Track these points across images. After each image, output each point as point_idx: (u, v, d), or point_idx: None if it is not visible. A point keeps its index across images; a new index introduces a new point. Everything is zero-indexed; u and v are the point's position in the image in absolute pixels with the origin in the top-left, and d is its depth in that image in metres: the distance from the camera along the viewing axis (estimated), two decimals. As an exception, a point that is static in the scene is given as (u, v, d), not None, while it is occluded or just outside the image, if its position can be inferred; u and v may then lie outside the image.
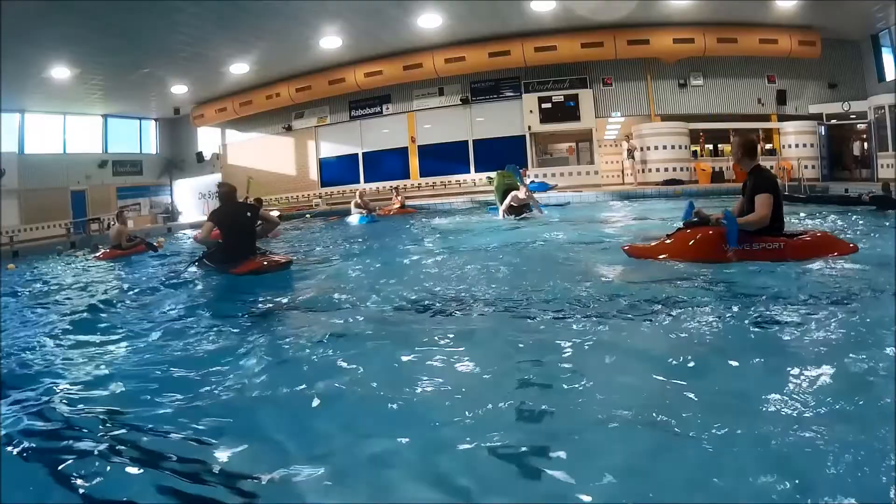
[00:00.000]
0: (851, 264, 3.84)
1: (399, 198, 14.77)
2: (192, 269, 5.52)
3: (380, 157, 19.54)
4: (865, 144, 15.66)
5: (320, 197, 19.72)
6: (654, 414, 1.85)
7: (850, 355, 2.19)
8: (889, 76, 15.35)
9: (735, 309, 3.03)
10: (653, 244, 4.67)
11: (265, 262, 4.94)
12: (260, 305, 4.02)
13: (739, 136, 4.47)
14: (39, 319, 4.33)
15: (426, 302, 3.72)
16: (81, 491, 1.65)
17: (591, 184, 17.06)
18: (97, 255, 9.21)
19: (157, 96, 19.52)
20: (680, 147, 16.71)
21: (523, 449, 1.71)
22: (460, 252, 6.10)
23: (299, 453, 1.76)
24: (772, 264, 3.92)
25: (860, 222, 6.68)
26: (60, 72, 15.13)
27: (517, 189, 10.05)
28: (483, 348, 2.70)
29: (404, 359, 2.58)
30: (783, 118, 16.70)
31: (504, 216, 9.85)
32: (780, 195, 4.15)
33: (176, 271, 5.58)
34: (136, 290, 5.20)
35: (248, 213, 5.18)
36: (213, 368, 2.65)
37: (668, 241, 4.51)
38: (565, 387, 2.14)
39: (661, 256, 4.41)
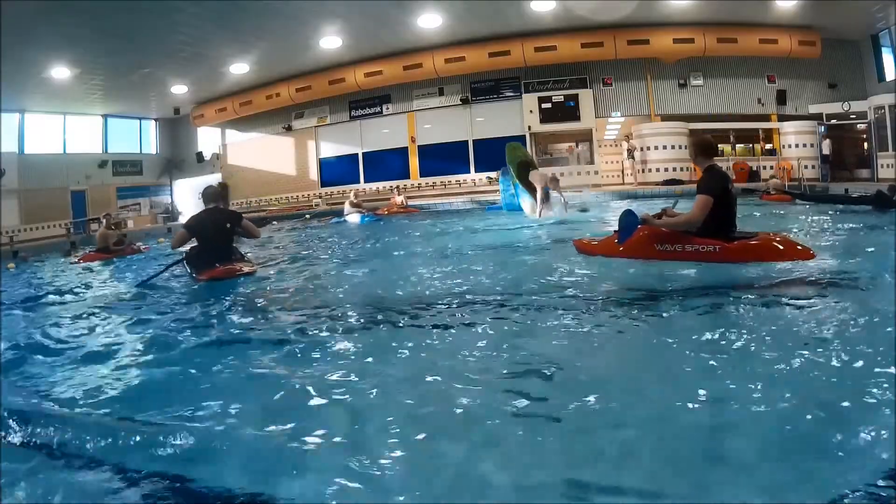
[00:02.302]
0: (802, 268, 3.70)
1: (401, 197, 14.76)
2: (166, 273, 5.51)
3: (380, 157, 19.55)
4: (863, 145, 15.67)
5: (320, 197, 19.72)
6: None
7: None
8: (889, 76, 15.35)
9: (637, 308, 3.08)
10: (596, 241, 4.84)
11: (236, 270, 4.89)
12: (203, 311, 3.98)
13: (694, 135, 4.44)
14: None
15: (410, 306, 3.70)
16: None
17: (591, 184, 17.06)
18: (78, 257, 9.01)
19: (157, 96, 19.54)
20: (680, 147, 16.68)
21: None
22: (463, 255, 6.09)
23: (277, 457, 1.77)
24: (706, 266, 3.83)
25: (839, 223, 6.64)
26: (60, 72, 15.14)
27: (535, 166, 9.06)
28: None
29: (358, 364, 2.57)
30: (783, 118, 16.71)
31: (537, 212, 8.72)
32: (728, 197, 4.04)
33: (149, 276, 5.52)
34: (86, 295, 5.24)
35: (228, 224, 5.11)
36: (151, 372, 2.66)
37: (603, 240, 4.69)
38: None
39: (601, 253, 4.56)
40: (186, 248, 5.36)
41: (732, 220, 4.10)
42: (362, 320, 3.39)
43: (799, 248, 4.02)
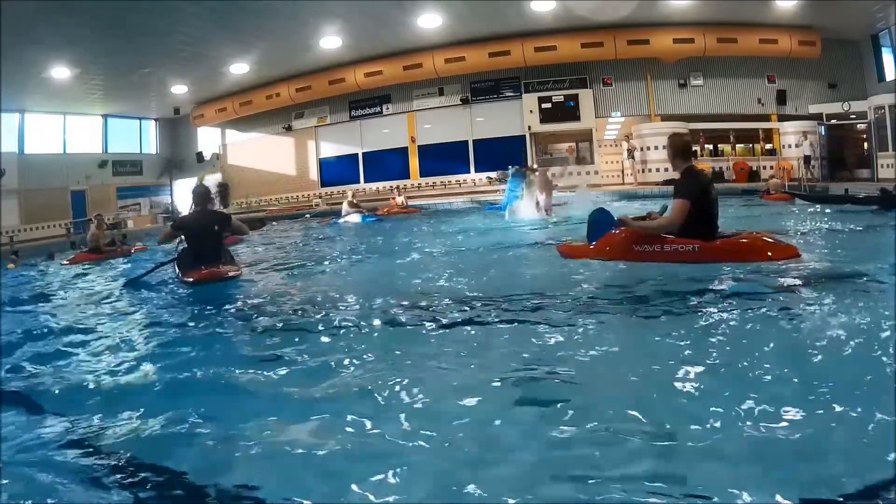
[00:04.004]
0: (781, 268, 3.64)
1: (401, 197, 14.75)
2: (150, 273, 5.53)
3: (380, 157, 19.54)
4: (863, 145, 15.67)
5: (320, 197, 19.72)
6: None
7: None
8: (889, 76, 15.34)
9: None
10: (580, 244, 4.82)
11: (221, 273, 4.85)
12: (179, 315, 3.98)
13: (671, 136, 4.32)
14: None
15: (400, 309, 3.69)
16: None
17: (592, 184, 17.03)
18: (69, 259, 8.92)
19: (157, 96, 19.52)
20: (680, 147, 16.67)
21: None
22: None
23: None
24: (687, 266, 3.78)
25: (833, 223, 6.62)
26: (60, 72, 15.13)
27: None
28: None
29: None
30: (783, 118, 16.70)
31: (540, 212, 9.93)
32: (708, 199, 3.98)
33: (138, 276, 5.51)
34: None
35: (216, 226, 5.07)
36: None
37: (583, 244, 4.69)
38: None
39: (584, 256, 4.54)
40: (179, 248, 5.34)
41: (713, 222, 4.04)
42: (346, 323, 3.36)
43: (783, 246, 3.95)
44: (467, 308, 3.47)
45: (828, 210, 8.24)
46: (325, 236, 10.13)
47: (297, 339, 3.07)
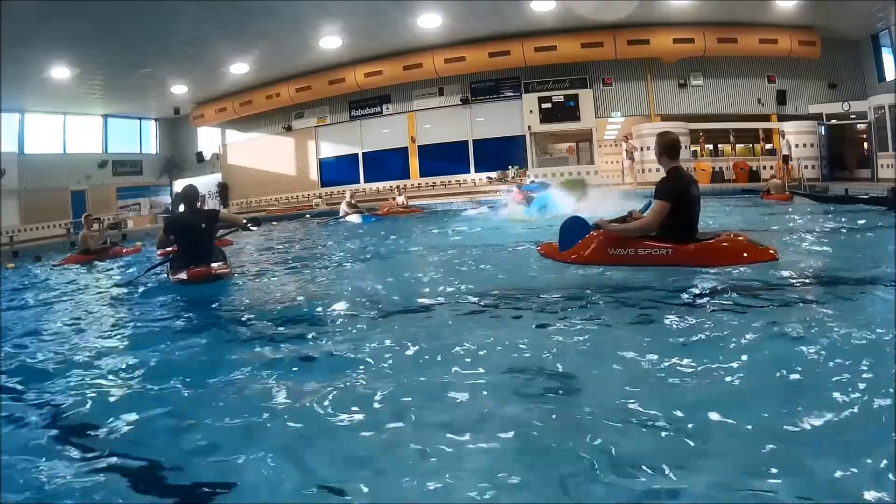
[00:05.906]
0: (758, 271, 3.57)
1: (401, 197, 14.74)
2: (144, 275, 5.54)
3: (380, 157, 19.55)
4: (863, 145, 15.67)
5: (320, 197, 19.72)
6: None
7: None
8: (889, 76, 15.34)
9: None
10: (554, 245, 4.81)
11: (210, 272, 4.84)
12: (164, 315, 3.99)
13: (659, 134, 4.27)
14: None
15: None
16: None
17: (592, 184, 17.01)
18: (59, 260, 8.83)
19: (157, 96, 19.53)
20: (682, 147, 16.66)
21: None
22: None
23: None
24: (662, 270, 3.76)
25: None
26: (60, 72, 15.14)
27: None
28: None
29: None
30: (783, 118, 16.70)
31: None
32: (689, 201, 3.94)
33: (134, 276, 5.52)
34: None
35: (204, 224, 5.07)
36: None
37: (562, 251, 4.67)
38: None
39: (558, 258, 4.53)
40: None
41: (692, 223, 4.00)
42: (342, 320, 3.36)
43: (760, 249, 3.90)
44: (466, 303, 3.48)
45: (828, 210, 8.22)
46: (324, 236, 10.13)
47: (289, 337, 3.07)
